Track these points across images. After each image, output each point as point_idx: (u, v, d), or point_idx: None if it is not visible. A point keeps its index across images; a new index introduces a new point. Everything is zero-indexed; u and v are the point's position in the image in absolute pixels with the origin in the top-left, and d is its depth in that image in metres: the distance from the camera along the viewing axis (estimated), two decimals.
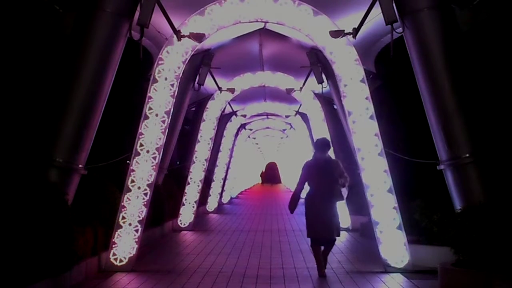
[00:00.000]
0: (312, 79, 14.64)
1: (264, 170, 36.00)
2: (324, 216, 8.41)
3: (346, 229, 14.84)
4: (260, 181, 35.07)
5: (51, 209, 7.03)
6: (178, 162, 20.73)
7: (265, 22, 11.59)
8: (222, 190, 25.84)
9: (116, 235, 8.96)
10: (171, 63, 9.54)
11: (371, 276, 8.47)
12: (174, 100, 9.55)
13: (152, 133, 9.29)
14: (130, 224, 9.01)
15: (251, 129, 29.25)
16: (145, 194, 9.14)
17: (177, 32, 9.41)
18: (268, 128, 29.83)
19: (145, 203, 9.12)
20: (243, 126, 26.87)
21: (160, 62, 9.52)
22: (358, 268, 9.12)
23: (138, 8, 8.91)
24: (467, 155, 8.40)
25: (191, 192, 15.76)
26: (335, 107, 16.43)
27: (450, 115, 8.57)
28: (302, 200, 8.87)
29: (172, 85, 9.51)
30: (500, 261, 6.89)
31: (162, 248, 11.75)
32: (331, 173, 8.52)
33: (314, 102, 16.86)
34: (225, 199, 27.43)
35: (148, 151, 9.23)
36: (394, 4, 8.66)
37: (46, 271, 6.69)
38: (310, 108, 17.10)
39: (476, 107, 8.68)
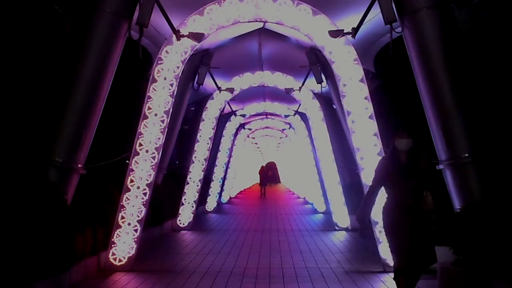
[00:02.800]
0: (311, 78, 14.63)
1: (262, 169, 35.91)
2: (409, 235, 5.97)
3: (345, 229, 14.87)
4: (259, 182, 34.80)
5: (51, 209, 7.03)
6: (177, 162, 20.73)
7: (264, 22, 11.60)
8: (221, 190, 25.85)
9: (115, 234, 8.97)
10: (170, 62, 9.55)
11: (370, 275, 8.48)
12: (173, 99, 9.56)
13: (151, 133, 9.30)
14: (129, 224, 9.02)
15: (250, 129, 29.23)
16: (144, 194, 9.15)
17: (176, 32, 9.41)
18: (267, 127, 29.83)
19: (144, 202, 9.13)
20: (242, 126, 26.86)
21: (159, 62, 9.52)
22: (357, 268, 9.12)
23: (138, 8, 8.91)
24: (466, 154, 8.40)
25: (190, 192, 15.76)
26: (334, 106, 16.43)
27: (449, 114, 8.58)
28: (300, 200, 8.72)
29: (171, 85, 9.52)
30: (499, 261, 6.89)
31: (161, 247, 11.75)
32: (419, 172, 6.04)
33: (313, 101, 16.86)
34: (224, 199, 27.45)
35: (147, 151, 9.23)
36: (393, 4, 8.66)
37: (45, 270, 6.69)
38: (309, 107, 17.11)
39: (475, 106, 8.69)
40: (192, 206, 15.67)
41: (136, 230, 9.05)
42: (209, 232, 14.67)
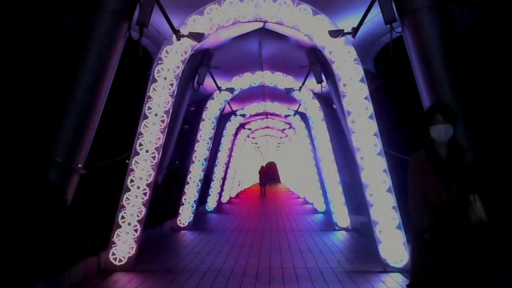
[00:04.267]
0: (311, 78, 14.64)
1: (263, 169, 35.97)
2: (451, 253, 4.43)
3: (345, 229, 14.86)
4: (259, 182, 34.84)
5: (51, 209, 7.03)
6: (177, 162, 20.73)
7: (264, 22, 11.60)
8: (222, 190, 25.85)
9: (115, 234, 8.97)
10: (170, 62, 9.55)
11: (371, 275, 8.48)
12: (174, 99, 9.56)
13: (151, 133, 9.30)
14: (129, 224, 9.02)
15: (250, 129, 29.23)
16: (145, 194, 9.15)
17: (176, 32, 9.41)
18: (267, 127, 29.83)
19: (145, 202, 9.13)
20: (242, 125, 26.86)
21: (159, 62, 9.52)
22: (358, 268, 9.12)
23: (138, 7, 8.92)
24: None
25: (191, 192, 15.77)
26: (334, 106, 16.43)
27: None
28: (300, 200, 8.66)
29: (172, 85, 9.52)
30: (500, 260, 6.89)
31: (162, 247, 11.75)
32: (463, 171, 4.53)
33: (313, 101, 16.87)
34: (224, 199, 27.45)
35: (147, 151, 9.23)
36: (393, 4, 8.66)
37: (45, 270, 6.69)
38: (309, 107, 17.11)
39: (476, 106, 8.69)
40: (192, 206, 15.67)
41: (136, 230, 9.05)
42: (209, 232, 14.66)
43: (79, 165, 8.81)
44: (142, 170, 9.17)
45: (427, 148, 4.68)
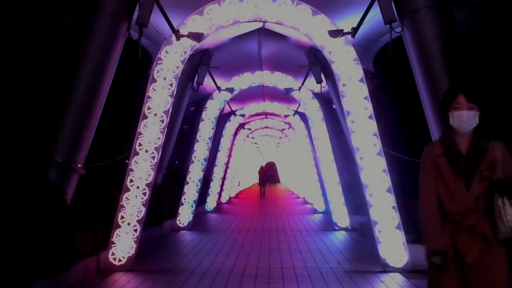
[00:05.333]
0: (311, 78, 14.64)
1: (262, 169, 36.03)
2: (477, 272, 3.65)
3: (345, 229, 14.86)
4: (258, 182, 34.84)
5: (50, 208, 7.03)
6: (177, 162, 20.73)
7: (264, 22, 11.59)
8: (221, 190, 25.86)
9: (115, 234, 8.96)
10: (170, 62, 9.54)
11: (370, 275, 8.48)
12: (173, 99, 9.56)
13: (151, 133, 9.29)
14: (129, 224, 9.02)
15: (250, 129, 29.24)
16: (144, 194, 9.14)
17: (176, 32, 9.41)
18: (267, 127, 29.84)
19: (144, 202, 9.12)
20: (242, 125, 26.86)
21: (159, 62, 9.52)
22: (357, 268, 9.12)
23: (137, 7, 8.91)
24: None
25: (190, 192, 15.77)
26: (334, 106, 16.43)
27: None
28: (300, 200, 8.64)
29: (171, 85, 9.51)
30: None
31: (161, 247, 11.75)
32: (489, 168, 3.66)
33: (313, 101, 16.87)
34: (224, 199, 27.45)
35: (147, 151, 9.23)
36: (393, 4, 8.66)
37: (45, 270, 6.68)
38: (309, 107, 17.12)
39: None
40: (192, 206, 15.68)
41: (135, 230, 9.05)
42: (208, 232, 14.66)
43: (79, 165, 8.81)
44: (142, 170, 9.17)
45: (445, 139, 3.78)
